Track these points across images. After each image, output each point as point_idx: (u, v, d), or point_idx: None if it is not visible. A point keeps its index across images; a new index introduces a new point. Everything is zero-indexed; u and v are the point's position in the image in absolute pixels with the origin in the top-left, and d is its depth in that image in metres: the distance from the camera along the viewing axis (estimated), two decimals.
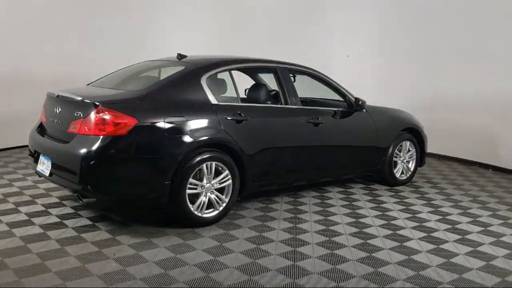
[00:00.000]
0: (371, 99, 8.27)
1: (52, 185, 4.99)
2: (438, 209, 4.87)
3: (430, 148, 7.89)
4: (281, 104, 4.71)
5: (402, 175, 5.84)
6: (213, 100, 4.10)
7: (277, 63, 4.79)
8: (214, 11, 9.13)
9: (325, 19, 8.96)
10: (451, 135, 7.64)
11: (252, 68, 5.07)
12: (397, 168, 5.75)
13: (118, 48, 7.85)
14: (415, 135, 5.91)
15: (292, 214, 4.47)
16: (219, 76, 4.60)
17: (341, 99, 5.36)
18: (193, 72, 4.16)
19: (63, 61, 7.32)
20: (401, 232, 4.13)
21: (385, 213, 4.66)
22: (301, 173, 4.87)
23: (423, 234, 4.09)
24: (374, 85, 8.57)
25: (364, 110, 5.33)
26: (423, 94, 8.00)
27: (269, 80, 5.52)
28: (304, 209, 4.65)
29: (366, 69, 8.61)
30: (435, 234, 4.11)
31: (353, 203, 4.95)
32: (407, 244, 3.85)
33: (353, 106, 5.21)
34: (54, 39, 7.32)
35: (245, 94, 5.01)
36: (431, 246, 3.82)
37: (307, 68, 5.08)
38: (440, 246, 3.83)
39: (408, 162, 5.90)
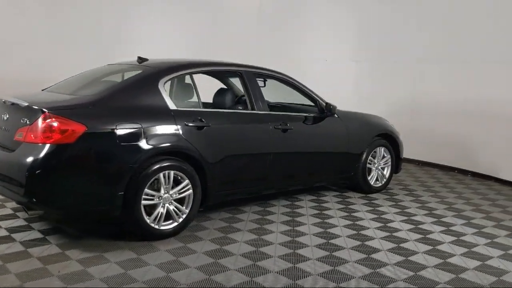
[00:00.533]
0: (349, 104, 8.11)
1: None
2: (411, 217, 4.69)
3: (409, 154, 7.77)
4: (248, 109, 4.51)
5: (377, 182, 5.67)
6: (171, 105, 3.89)
7: (243, 67, 4.60)
8: (187, 17, 8.94)
9: (305, 22, 8.81)
10: (431, 141, 7.51)
11: (215, 72, 4.87)
12: (371, 175, 5.58)
13: (90, 50, 7.62)
14: (390, 141, 5.75)
15: (258, 225, 4.27)
16: (185, 80, 4.40)
17: (312, 104, 5.18)
18: (150, 76, 3.95)
19: (29, 65, 7.08)
20: (369, 243, 3.94)
21: (356, 222, 4.47)
22: (269, 181, 4.67)
23: (392, 245, 3.91)
24: (353, 90, 8.43)
25: (336, 116, 5.15)
26: (403, 99, 7.86)
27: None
28: (271, 219, 4.44)
29: (344, 73, 8.47)
30: (405, 245, 3.92)
31: (324, 212, 4.76)
32: (374, 256, 3.66)
33: (324, 111, 5.03)
34: (21, 43, 7.08)
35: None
36: (400, 258, 3.64)
37: (275, 72, 4.89)
38: (409, 258, 3.65)
39: (383, 169, 5.74)
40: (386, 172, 5.76)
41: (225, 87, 4.48)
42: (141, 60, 4.42)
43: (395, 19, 7.87)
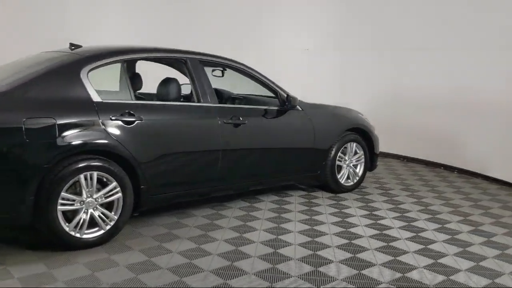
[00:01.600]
0: (332, 97, 7.64)
1: None
2: (378, 221, 4.21)
3: (394, 149, 7.29)
4: (194, 101, 4.03)
5: (348, 180, 5.19)
6: (95, 97, 3.42)
7: (188, 54, 4.11)
8: (162, 8, 8.43)
9: (280, 11, 8.29)
10: (416, 135, 7.01)
11: (154, 59, 4.38)
12: (341, 173, 5.09)
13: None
14: (363, 136, 5.26)
15: (203, 231, 3.81)
16: (118, 68, 3.93)
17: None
18: (71, 64, 3.48)
19: None
20: (323, 252, 3.46)
21: (315, 227, 4.00)
22: (223, 181, 4.20)
23: (348, 255, 3.43)
24: (336, 82, 7.93)
25: (299, 108, 4.67)
26: (384, 91, 7.36)
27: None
28: (220, 224, 3.98)
29: (322, 64, 7.96)
30: (362, 255, 3.45)
31: (283, 215, 4.29)
32: (325, 270, 3.19)
33: (285, 104, 4.54)
34: None
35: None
36: (354, 272, 3.16)
37: (229, 60, 4.40)
38: (363, 272, 3.17)
39: (355, 166, 5.25)
40: (359, 170, 5.27)
41: (167, 77, 4.00)
42: (73, 46, 3.95)
43: (377, 7, 7.34)
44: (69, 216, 3.30)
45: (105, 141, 3.36)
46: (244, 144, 4.24)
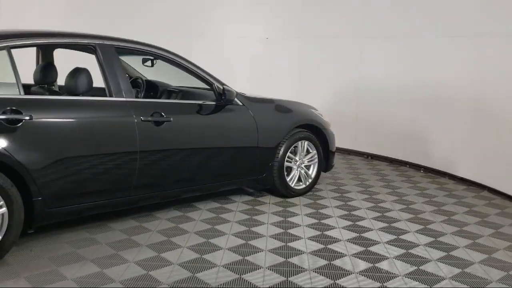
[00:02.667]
0: (287, 89, 7.08)
1: None
2: (326, 232, 3.68)
3: (357, 146, 6.78)
4: (107, 95, 3.42)
5: (300, 183, 4.64)
6: None
7: (98, 39, 3.48)
8: None
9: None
10: (380, 131, 6.50)
11: (48, 45, 3.74)
12: (291, 175, 4.54)
13: None
14: (316, 133, 4.71)
15: (114, 251, 3.21)
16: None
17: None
18: None
19: None
20: (249, 276, 2.91)
21: (251, 242, 3.44)
22: (142, 189, 3.59)
23: (280, 278, 2.88)
24: (291, 73, 7.37)
25: (239, 103, 4.09)
26: (348, 83, 6.83)
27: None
28: (137, 241, 3.39)
29: (281, 54, 7.40)
30: (296, 278, 2.89)
31: (218, 226, 3.73)
32: None
33: (221, 97, 3.95)
34: None
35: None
36: None
37: (153, 47, 3.79)
38: None
39: (307, 167, 4.70)
40: (312, 171, 4.73)
41: (77, 67, 3.39)
42: None
43: None
44: None
45: None
46: (169, 145, 3.65)
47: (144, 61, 4.36)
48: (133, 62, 4.65)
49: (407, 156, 6.24)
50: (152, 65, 4.28)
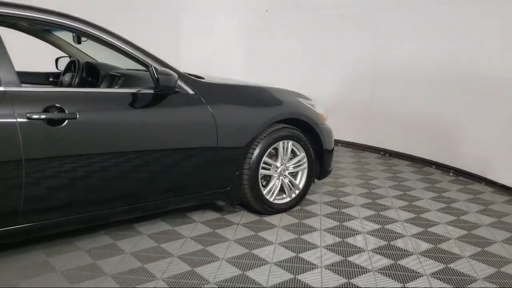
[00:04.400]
0: (287, 73, 5.93)
1: None
2: (303, 275, 2.57)
3: (371, 140, 5.59)
4: None
5: (283, 195, 3.54)
6: None
7: None
8: None
9: None
10: (399, 122, 5.30)
11: None
12: (270, 186, 3.44)
13: None
14: (307, 130, 3.60)
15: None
16: None
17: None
18: None
19: None
20: None
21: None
22: (34, 214, 2.55)
23: None
24: (293, 53, 6.21)
25: (189, 91, 3.01)
26: (360, 65, 5.62)
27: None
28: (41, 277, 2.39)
29: (283, 30, 6.24)
30: None
31: (148, 265, 2.68)
32: None
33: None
34: None
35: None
36: None
37: (51, 14, 2.68)
38: None
39: (293, 174, 3.59)
40: (300, 179, 3.61)
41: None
42: None
43: None
44: None
45: None
46: (74, 151, 2.59)
47: (74, 37, 3.32)
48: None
49: (433, 155, 5.01)
50: (79, 41, 3.23)
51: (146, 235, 3.05)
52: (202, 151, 3.04)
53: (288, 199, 3.55)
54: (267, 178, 3.49)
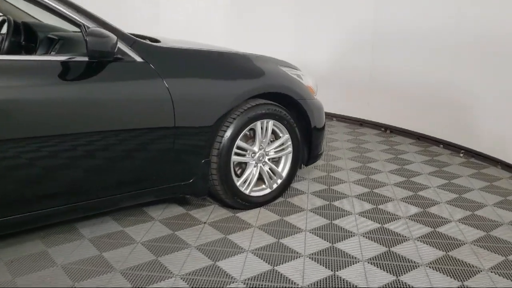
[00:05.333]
0: (278, 39, 5.26)
1: None
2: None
3: (370, 114, 4.94)
4: None
5: (263, 186, 2.92)
6: None
7: None
8: None
9: None
10: (403, 94, 4.65)
11: None
12: (245, 175, 2.81)
13: None
14: (293, 106, 2.95)
15: None
16: None
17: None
18: None
19: None
20: None
21: None
22: None
23: None
24: (284, 16, 5.50)
25: (136, 57, 2.34)
26: (359, 27, 4.92)
27: None
28: None
29: None
30: None
31: (80, 283, 2.08)
32: None
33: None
34: None
35: None
36: None
37: None
38: None
39: (275, 161, 2.96)
40: (283, 166, 2.99)
41: None
42: None
43: None
44: None
45: None
46: None
47: None
48: None
49: (441, 132, 4.38)
50: None
51: (88, 239, 2.45)
52: (153, 135, 2.39)
53: (268, 190, 2.93)
54: (243, 166, 2.87)
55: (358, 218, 2.79)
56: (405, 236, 2.58)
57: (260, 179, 2.91)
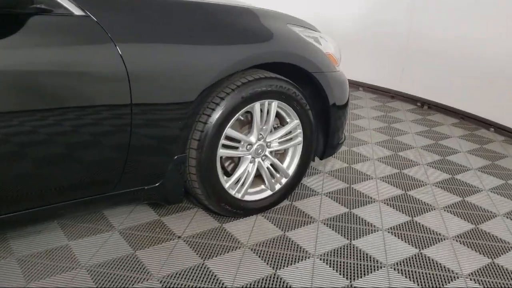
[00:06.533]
0: None
1: None
2: None
3: (404, 86, 4.11)
4: None
5: (261, 187, 2.21)
6: None
7: None
8: None
9: None
10: (446, 63, 3.80)
11: None
12: (238, 174, 2.08)
13: None
14: (305, 81, 2.18)
15: None
16: None
17: None
18: None
19: None
20: None
21: None
22: None
23: None
24: None
25: (75, 10, 1.58)
26: None
27: None
28: None
29: None
30: None
31: None
32: None
33: None
34: None
35: None
36: None
37: None
38: None
39: (281, 153, 2.23)
40: (290, 161, 2.25)
41: None
42: None
43: None
44: None
45: None
46: None
47: None
48: None
49: (492, 112, 3.55)
50: None
51: (12, 261, 1.79)
52: (98, 120, 1.65)
53: (268, 193, 2.21)
54: (235, 160, 2.14)
55: (386, 235, 2.06)
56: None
57: (259, 176, 2.19)
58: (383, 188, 2.50)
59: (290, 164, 2.25)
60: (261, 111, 2.05)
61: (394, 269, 1.82)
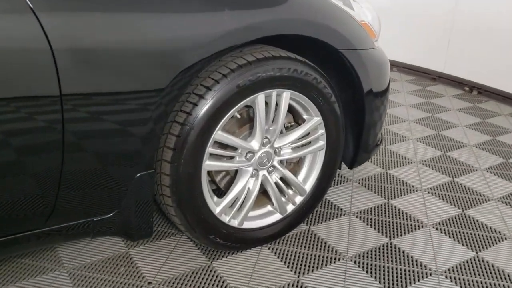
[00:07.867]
0: None
1: None
2: None
3: (450, 68, 3.41)
4: None
5: (268, 207, 1.59)
6: None
7: None
8: None
9: None
10: (499, 42, 3.09)
11: None
12: (232, 196, 1.47)
13: None
14: (328, 61, 1.55)
15: None
16: None
17: None
18: None
19: None
20: None
21: None
22: None
23: None
24: None
25: None
26: None
27: None
28: None
29: None
30: None
31: None
32: None
33: None
34: None
35: None
36: None
37: None
38: None
39: (295, 163, 1.61)
40: (308, 173, 1.63)
41: None
42: None
43: None
44: None
45: None
46: None
47: None
48: None
49: None
50: None
51: None
52: (11, 120, 1.05)
53: (277, 216, 1.60)
54: (231, 172, 1.54)
55: (441, 279, 1.44)
56: None
57: (264, 192, 1.59)
58: (432, 204, 1.87)
59: (308, 177, 1.63)
60: (267, 105, 1.43)
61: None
